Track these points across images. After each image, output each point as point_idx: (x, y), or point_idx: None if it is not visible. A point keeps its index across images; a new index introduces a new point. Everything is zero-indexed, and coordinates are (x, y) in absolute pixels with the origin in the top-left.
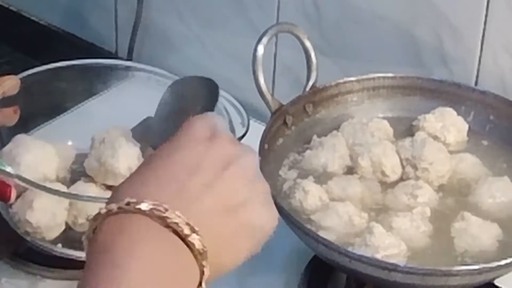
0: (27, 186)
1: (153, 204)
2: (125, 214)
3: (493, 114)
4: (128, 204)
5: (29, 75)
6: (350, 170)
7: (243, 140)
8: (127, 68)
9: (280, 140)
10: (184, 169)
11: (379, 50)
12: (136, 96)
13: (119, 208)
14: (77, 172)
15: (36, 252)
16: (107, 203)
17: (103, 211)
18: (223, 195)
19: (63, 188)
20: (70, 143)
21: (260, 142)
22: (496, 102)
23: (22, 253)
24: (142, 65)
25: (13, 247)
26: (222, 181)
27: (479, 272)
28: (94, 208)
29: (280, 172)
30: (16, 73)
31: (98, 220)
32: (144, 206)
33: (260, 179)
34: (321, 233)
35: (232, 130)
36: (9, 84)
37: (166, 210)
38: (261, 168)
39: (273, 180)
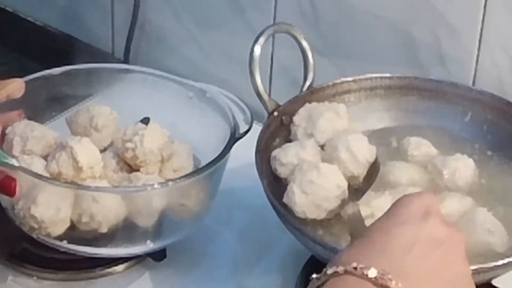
0: (31, 178)
1: (380, 272)
2: (351, 276)
3: (491, 114)
4: (355, 268)
5: (31, 79)
6: None
7: (246, 136)
8: (124, 70)
9: (277, 140)
10: (401, 245)
11: (376, 50)
12: (133, 97)
13: (345, 271)
14: None
15: (33, 253)
16: (330, 265)
17: (330, 271)
18: (435, 271)
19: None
20: None
21: (257, 142)
22: (494, 102)
23: (19, 254)
24: (139, 67)
25: (9, 248)
26: (433, 260)
27: (477, 272)
28: (98, 207)
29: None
30: (12, 74)
31: (321, 279)
32: (371, 273)
33: (464, 261)
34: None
35: (237, 127)
36: (13, 87)
37: (391, 280)
38: (260, 168)
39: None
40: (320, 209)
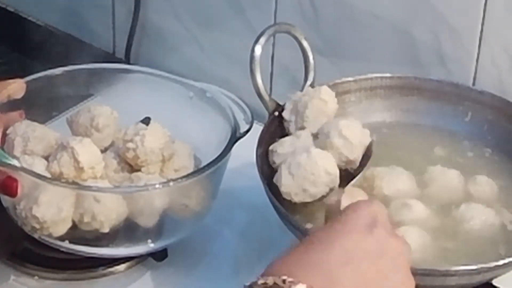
0: (32, 178)
1: None
2: None
3: (491, 114)
4: (284, 282)
5: (32, 79)
6: None
7: (246, 136)
8: (125, 70)
9: (278, 140)
10: (338, 257)
11: (376, 50)
12: (133, 97)
13: (275, 283)
14: None
15: (35, 252)
16: (262, 275)
17: (261, 281)
18: (372, 284)
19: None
20: None
21: (258, 141)
22: (494, 102)
23: (20, 253)
24: (139, 67)
25: (11, 247)
26: (373, 273)
27: (477, 272)
28: (100, 207)
29: None
30: (13, 74)
31: None
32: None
33: (407, 273)
34: None
35: (237, 127)
36: (14, 88)
37: None
38: (260, 168)
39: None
40: (306, 193)
